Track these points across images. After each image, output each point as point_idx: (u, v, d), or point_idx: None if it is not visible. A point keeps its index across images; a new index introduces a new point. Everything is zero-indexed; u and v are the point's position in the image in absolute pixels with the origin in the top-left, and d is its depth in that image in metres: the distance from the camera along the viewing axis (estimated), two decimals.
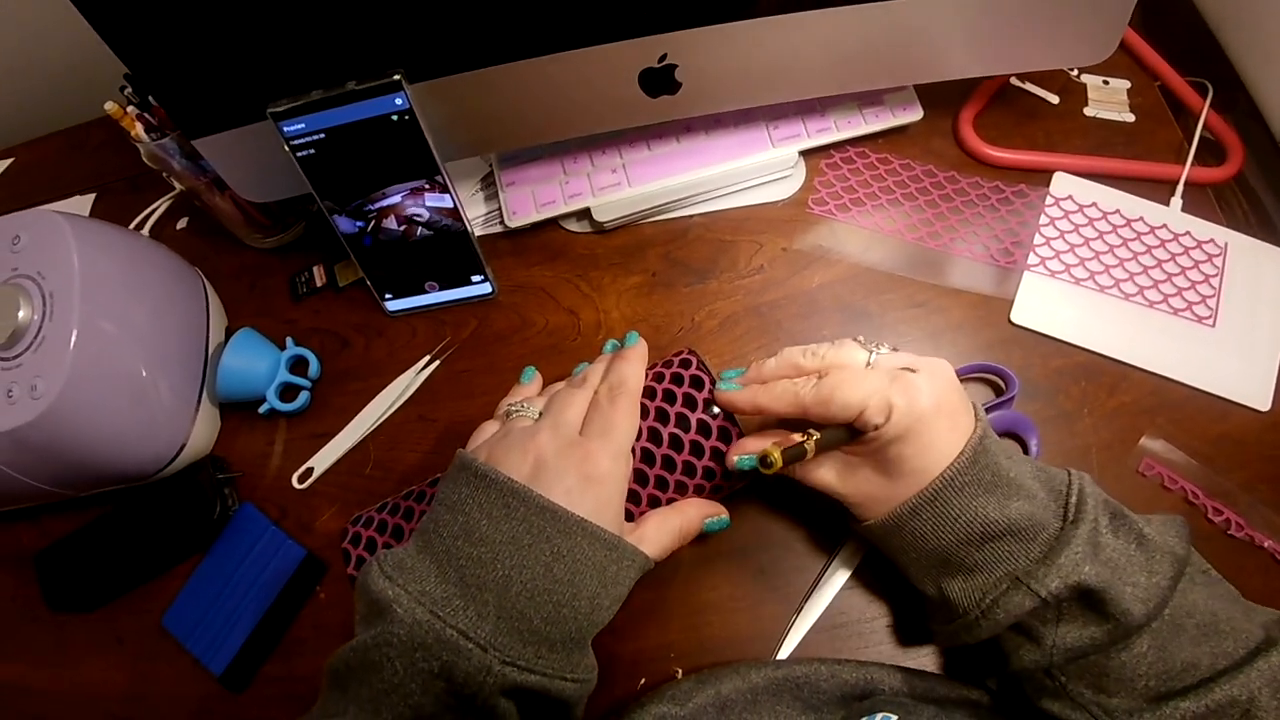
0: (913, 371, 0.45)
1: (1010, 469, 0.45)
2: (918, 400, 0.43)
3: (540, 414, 0.48)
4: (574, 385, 0.50)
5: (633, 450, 0.48)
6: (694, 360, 0.52)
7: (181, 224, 0.79)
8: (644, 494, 0.50)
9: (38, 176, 0.89)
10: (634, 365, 0.50)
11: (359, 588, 0.43)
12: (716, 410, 0.50)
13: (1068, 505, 0.44)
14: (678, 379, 0.52)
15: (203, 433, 0.67)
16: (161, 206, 0.78)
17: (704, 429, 0.50)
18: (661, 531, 0.47)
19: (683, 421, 0.50)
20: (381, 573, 0.41)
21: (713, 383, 0.51)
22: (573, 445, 0.44)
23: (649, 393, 0.51)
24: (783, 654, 0.54)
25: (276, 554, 0.63)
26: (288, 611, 0.62)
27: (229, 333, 0.70)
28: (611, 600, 0.44)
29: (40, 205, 0.83)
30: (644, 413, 0.50)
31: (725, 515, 0.51)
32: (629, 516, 0.49)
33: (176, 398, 0.65)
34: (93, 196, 0.84)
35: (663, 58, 0.59)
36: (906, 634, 0.54)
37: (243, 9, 0.52)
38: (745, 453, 0.48)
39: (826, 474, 0.49)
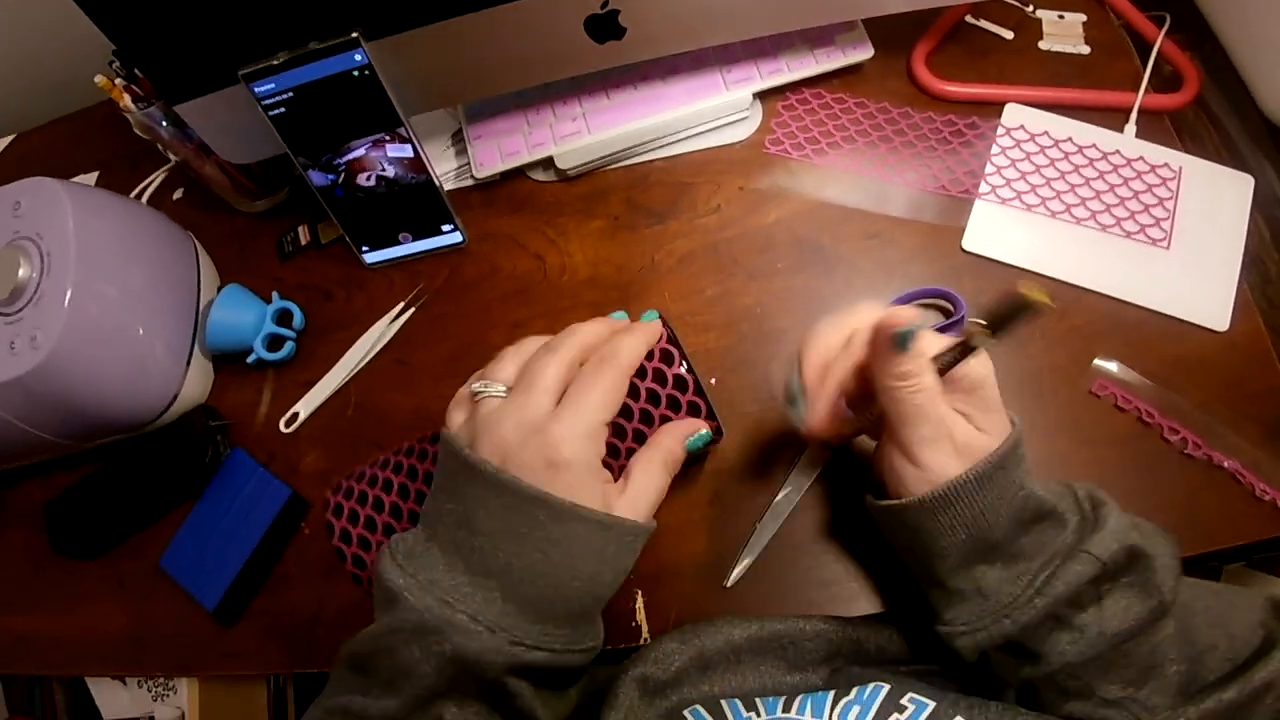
0: None
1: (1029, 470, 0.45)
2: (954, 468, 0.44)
3: (508, 390, 0.45)
4: (553, 347, 0.46)
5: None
6: (664, 332, 0.50)
7: (177, 195, 0.84)
8: (615, 466, 0.48)
9: (44, 159, 0.94)
10: (637, 340, 0.47)
11: (375, 574, 0.44)
12: (689, 383, 0.49)
13: (1078, 499, 0.45)
14: (648, 353, 0.49)
15: (195, 383, 0.71)
16: (157, 179, 0.82)
17: (673, 404, 0.49)
18: (649, 473, 0.46)
19: (652, 397, 0.49)
20: (393, 561, 0.42)
21: (683, 356, 0.49)
22: (534, 431, 0.42)
23: None
24: (735, 574, 0.56)
25: (264, 494, 0.66)
26: (275, 548, 0.65)
27: (220, 290, 0.73)
28: (613, 574, 0.44)
29: None
30: None
31: (704, 429, 0.49)
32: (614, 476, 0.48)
33: (169, 350, 0.69)
34: (96, 175, 0.89)
35: (604, 3, 0.61)
36: (857, 557, 0.56)
37: None
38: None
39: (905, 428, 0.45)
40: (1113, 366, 0.59)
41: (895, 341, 0.43)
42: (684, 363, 0.49)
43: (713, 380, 0.62)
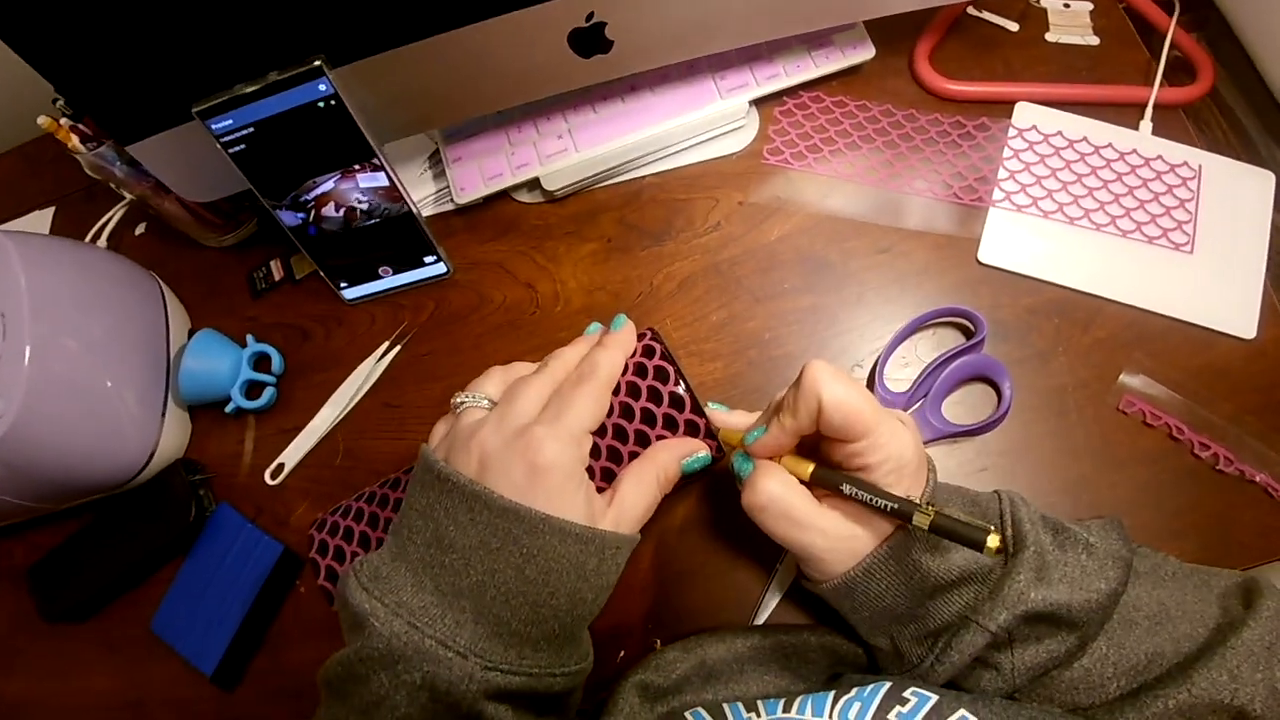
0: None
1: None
2: (908, 448, 0.43)
3: (491, 404, 0.45)
4: (539, 370, 0.47)
5: (595, 451, 0.46)
6: (658, 348, 0.49)
7: (139, 230, 0.79)
8: (619, 471, 0.47)
9: None
10: (612, 353, 0.47)
11: (339, 598, 0.42)
12: (685, 401, 0.48)
13: (1004, 538, 0.43)
14: (641, 370, 0.48)
15: (173, 437, 0.67)
16: (116, 215, 0.77)
17: (670, 423, 0.48)
18: (640, 487, 0.45)
19: (648, 417, 0.47)
20: (359, 584, 0.40)
21: (678, 373, 0.48)
22: (517, 435, 0.41)
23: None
24: (759, 619, 0.54)
25: (255, 551, 0.63)
26: (270, 607, 0.62)
27: (192, 334, 0.69)
28: (595, 591, 0.42)
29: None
30: (614, 389, 0.47)
31: (703, 451, 0.47)
32: None
33: (142, 404, 0.65)
34: (52, 210, 0.83)
35: (590, 16, 0.57)
36: None
37: (158, 8, 0.51)
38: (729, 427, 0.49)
39: (786, 525, 0.45)
40: (1139, 381, 0.57)
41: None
42: (680, 381, 0.48)
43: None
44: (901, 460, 0.43)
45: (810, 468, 0.45)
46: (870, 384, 0.59)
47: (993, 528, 0.39)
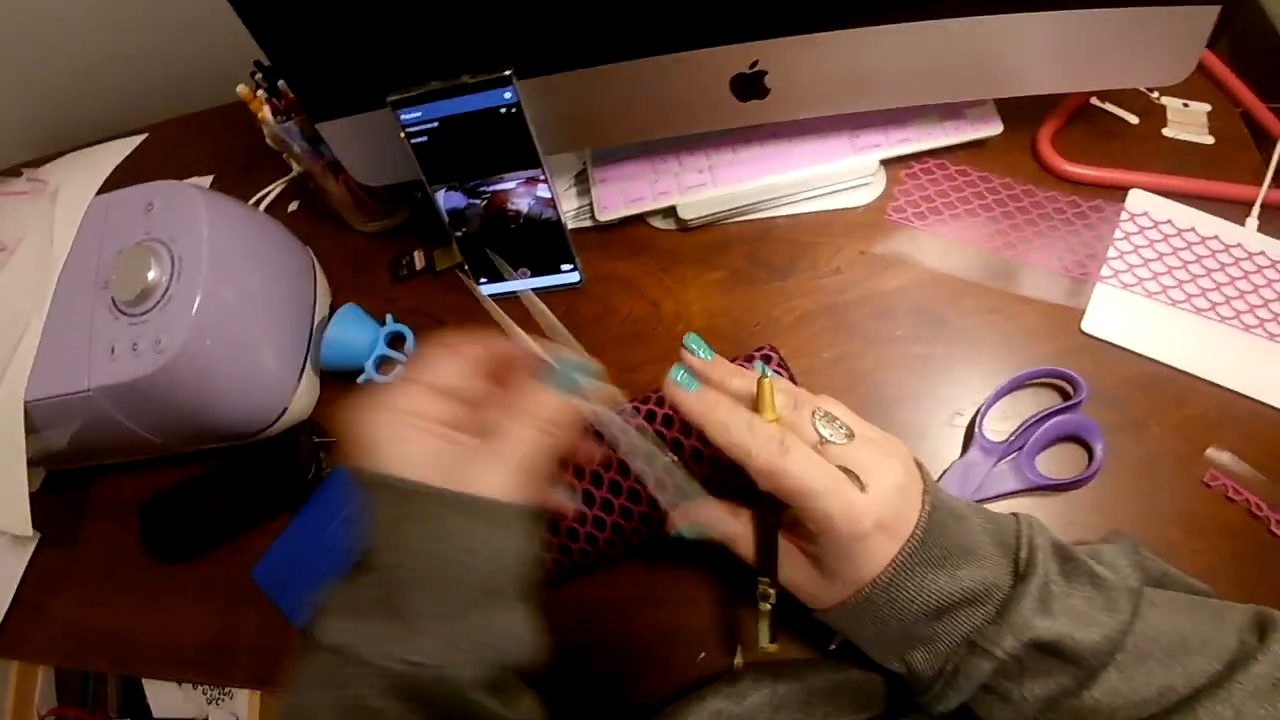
0: (858, 480, 0.42)
1: (960, 534, 0.43)
2: (860, 524, 0.41)
3: None
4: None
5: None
6: (774, 357, 0.52)
7: (292, 207, 0.85)
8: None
9: (160, 158, 0.95)
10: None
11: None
12: None
13: (1018, 560, 0.43)
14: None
15: (304, 398, 0.71)
16: (275, 190, 0.83)
17: None
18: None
19: None
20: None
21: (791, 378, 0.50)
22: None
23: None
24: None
25: (363, 519, 0.66)
26: None
27: (333, 309, 0.74)
28: (486, 559, 0.40)
29: None
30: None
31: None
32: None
33: (282, 364, 0.70)
34: (210, 178, 0.89)
35: (754, 64, 0.62)
36: None
37: (373, 3, 0.57)
38: (690, 523, 0.48)
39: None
40: (1225, 457, 0.59)
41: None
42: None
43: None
44: (874, 510, 0.42)
45: None
46: (970, 433, 0.62)
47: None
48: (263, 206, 0.83)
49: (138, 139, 0.96)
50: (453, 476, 0.40)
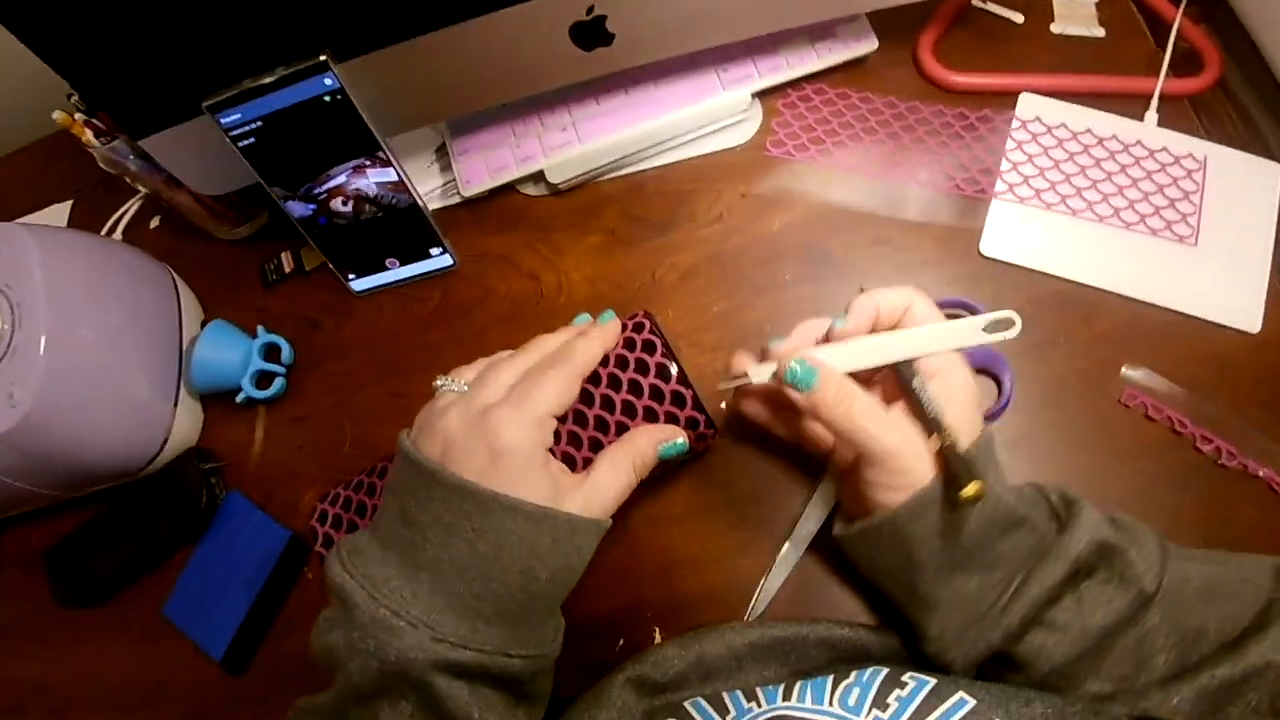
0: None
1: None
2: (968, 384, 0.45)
3: (466, 385, 0.46)
4: (514, 354, 0.48)
5: (583, 421, 0.47)
6: (647, 323, 0.50)
7: (154, 223, 0.80)
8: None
9: (14, 191, 0.90)
10: (590, 342, 0.47)
11: (324, 571, 0.43)
12: (673, 372, 0.48)
13: (1051, 504, 0.45)
14: (629, 344, 0.50)
15: (185, 425, 0.68)
16: (132, 208, 0.79)
17: (656, 395, 0.48)
18: (615, 469, 0.45)
19: (635, 388, 0.48)
20: (338, 557, 0.42)
21: (665, 344, 0.49)
22: (479, 418, 0.42)
23: (604, 361, 0.50)
24: (759, 606, 0.54)
25: (264, 538, 0.64)
26: (279, 593, 0.63)
27: (204, 325, 0.70)
28: (550, 571, 0.42)
29: (19, 218, 0.85)
30: (595, 380, 0.48)
31: (681, 439, 0.47)
32: None
33: (155, 393, 0.66)
34: (70, 204, 0.85)
35: (590, 9, 0.57)
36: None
37: (169, 5, 0.52)
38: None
39: (870, 418, 0.44)
40: (1141, 374, 0.56)
41: (793, 385, 0.44)
42: (668, 353, 0.49)
43: (722, 405, 0.59)
44: (973, 402, 0.45)
45: None
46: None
47: (980, 481, 0.40)
48: (121, 227, 0.78)
49: None
50: (550, 499, 0.42)
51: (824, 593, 0.54)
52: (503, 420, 0.41)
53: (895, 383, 0.46)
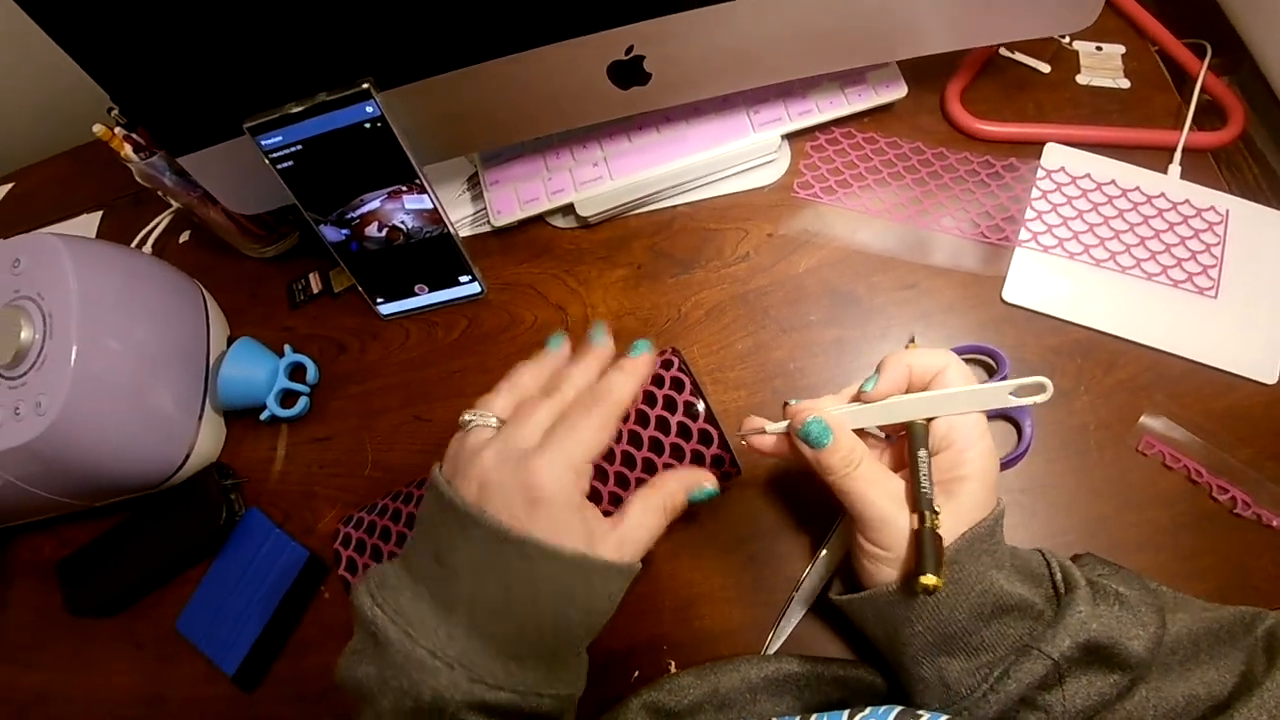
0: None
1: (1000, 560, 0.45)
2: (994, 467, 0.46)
3: (500, 423, 0.45)
4: (548, 392, 0.46)
5: (609, 456, 0.47)
6: (675, 361, 0.50)
7: (184, 238, 0.81)
8: (626, 497, 0.49)
9: (45, 199, 0.91)
10: (627, 379, 0.46)
11: (351, 601, 0.43)
12: (700, 410, 0.49)
13: (1054, 583, 0.44)
14: (658, 380, 0.50)
15: (208, 441, 0.69)
16: (163, 222, 0.80)
17: (684, 432, 0.49)
18: (646, 513, 0.45)
19: (662, 425, 0.49)
20: (366, 588, 0.42)
21: (694, 383, 0.49)
22: (518, 463, 0.41)
23: None
24: (775, 644, 0.54)
25: (281, 556, 0.64)
26: (294, 611, 0.64)
27: (230, 341, 0.71)
28: (584, 615, 0.42)
29: (48, 226, 0.86)
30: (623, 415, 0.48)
31: (710, 485, 0.47)
32: None
33: (180, 408, 0.67)
34: (99, 215, 0.86)
35: (629, 49, 0.58)
36: None
37: (215, 27, 0.53)
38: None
39: (876, 487, 0.45)
40: (1160, 423, 0.57)
41: (804, 441, 0.45)
42: (696, 391, 0.49)
43: (744, 441, 0.60)
44: (990, 475, 0.45)
45: None
46: None
47: (938, 575, 0.41)
48: (151, 240, 0.79)
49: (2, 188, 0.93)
50: (585, 545, 0.41)
51: (840, 632, 0.54)
52: (542, 468, 0.41)
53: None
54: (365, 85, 0.56)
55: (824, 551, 0.55)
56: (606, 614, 0.44)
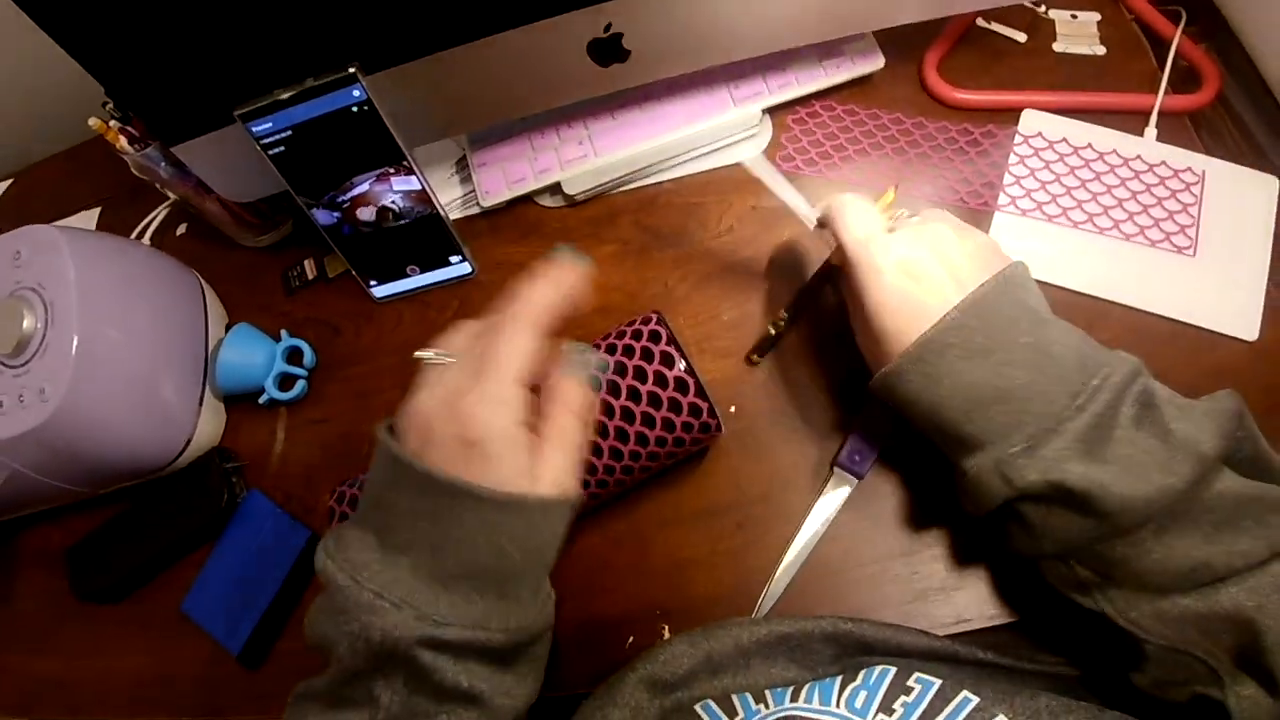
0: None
1: (1026, 334, 0.44)
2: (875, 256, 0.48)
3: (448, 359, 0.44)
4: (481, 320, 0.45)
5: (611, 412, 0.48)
6: (663, 333, 0.51)
7: (180, 230, 0.83)
8: (605, 445, 0.50)
9: (44, 197, 0.93)
10: (541, 286, 0.45)
11: (315, 561, 0.44)
12: (676, 358, 0.50)
13: (1084, 389, 0.42)
14: (647, 354, 0.51)
15: (208, 426, 0.70)
16: (160, 215, 0.81)
17: (660, 381, 0.50)
18: (565, 432, 0.43)
19: (640, 374, 0.50)
20: (323, 546, 0.43)
21: (683, 356, 0.50)
22: (449, 405, 0.41)
23: (610, 350, 0.52)
24: (765, 606, 0.55)
25: (283, 536, 0.65)
26: (297, 590, 0.65)
27: (228, 329, 0.72)
28: (524, 552, 0.42)
29: (48, 223, 0.87)
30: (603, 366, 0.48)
31: (595, 356, 0.46)
32: (586, 486, 0.48)
33: (180, 394, 0.68)
34: (98, 211, 0.88)
35: (608, 27, 0.60)
36: (885, 583, 0.55)
37: (204, 16, 0.54)
38: None
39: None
40: None
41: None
42: (684, 362, 0.50)
43: (732, 408, 0.61)
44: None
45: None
46: None
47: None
48: (149, 233, 0.81)
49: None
50: (523, 482, 0.41)
51: (830, 590, 0.55)
52: (473, 404, 0.40)
53: None
54: (351, 70, 0.57)
55: (814, 512, 0.56)
56: (552, 547, 0.44)
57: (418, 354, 0.44)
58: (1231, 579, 0.39)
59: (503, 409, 0.41)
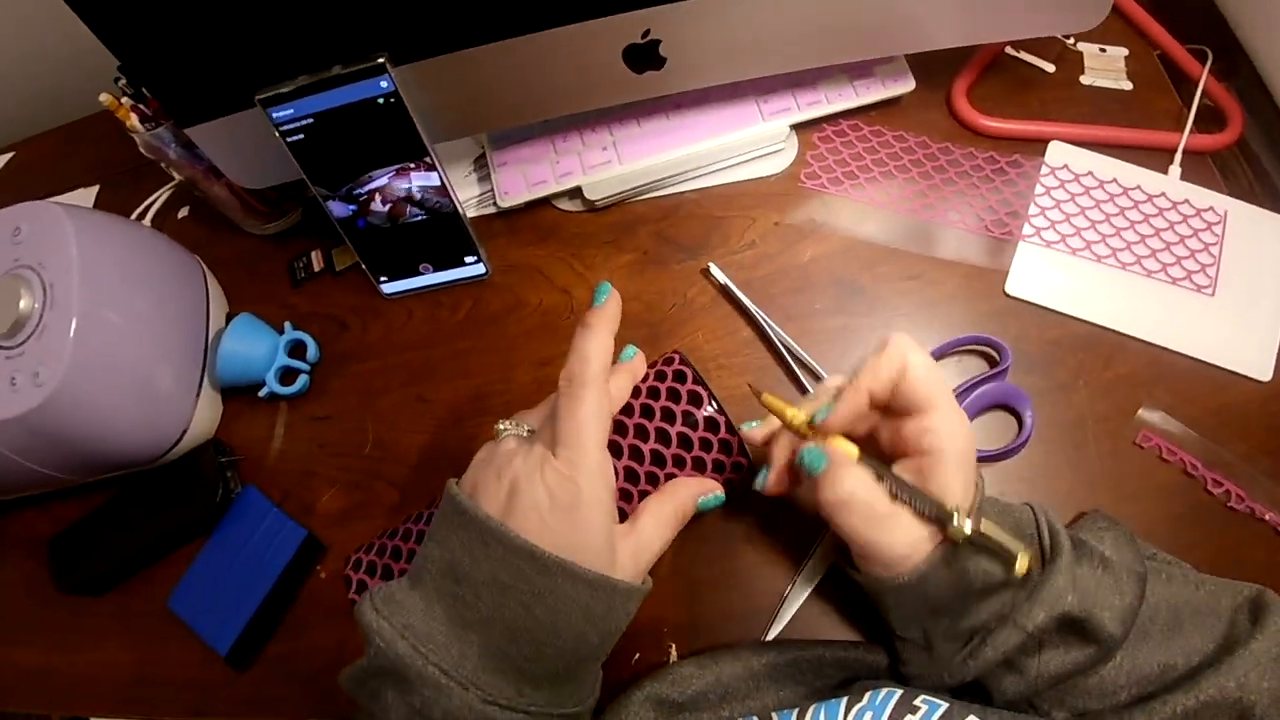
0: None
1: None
2: (970, 442, 0.44)
3: (530, 431, 0.45)
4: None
5: (618, 451, 0.47)
6: (689, 373, 0.50)
7: (182, 213, 0.81)
8: (635, 491, 0.49)
9: (41, 171, 0.90)
10: (593, 340, 0.44)
11: (356, 619, 0.42)
12: (704, 398, 0.49)
13: (1041, 544, 0.43)
14: (674, 395, 0.49)
15: (205, 417, 0.68)
16: (162, 196, 0.79)
17: (690, 421, 0.49)
18: (658, 522, 0.45)
19: (684, 441, 0.48)
20: (371, 605, 0.41)
21: (711, 396, 0.49)
22: (546, 468, 0.41)
23: (635, 393, 0.50)
24: (775, 629, 0.54)
25: (278, 535, 0.63)
26: (289, 591, 0.63)
27: (229, 318, 0.70)
28: (601, 636, 0.42)
29: (44, 199, 0.85)
30: (628, 410, 0.48)
31: (719, 491, 0.48)
32: (622, 516, 0.47)
33: (178, 383, 0.66)
34: (96, 189, 0.85)
35: (646, 33, 0.59)
36: None
37: None
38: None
39: (866, 523, 0.43)
40: (1157, 417, 0.58)
41: (804, 470, 0.44)
42: (713, 402, 0.49)
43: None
44: (967, 453, 0.43)
45: (856, 451, 0.44)
46: None
47: (1023, 547, 0.40)
48: (150, 215, 0.79)
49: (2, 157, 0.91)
50: (607, 562, 0.42)
51: (841, 614, 0.54)
52: (571, 470, 0.41)
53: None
54: (381, 60, 0.56)
55: (827, 535, 0.56)
56: (622, 631, 0.44)
57: (499, 425, 0.46)
58: (1207, 670, 0.40)
59: (599, 477, 0.42)
